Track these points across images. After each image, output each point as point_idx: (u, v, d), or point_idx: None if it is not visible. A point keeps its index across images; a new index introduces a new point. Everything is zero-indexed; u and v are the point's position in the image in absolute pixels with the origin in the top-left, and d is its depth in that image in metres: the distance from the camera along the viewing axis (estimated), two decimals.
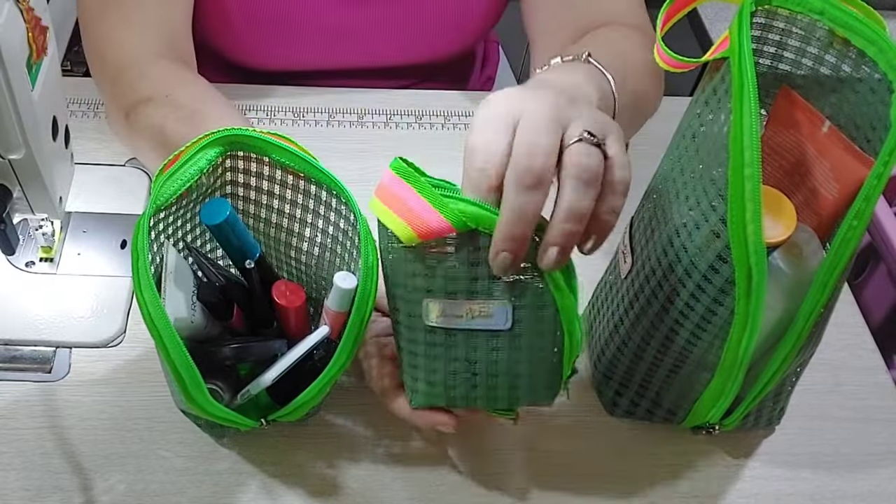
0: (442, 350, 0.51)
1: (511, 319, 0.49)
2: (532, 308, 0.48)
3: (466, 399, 0.54)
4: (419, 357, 0.52)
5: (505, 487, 0.60)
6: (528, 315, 0.49)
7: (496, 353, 0.51)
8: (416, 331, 0.51)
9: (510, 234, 0.45)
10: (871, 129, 0.50)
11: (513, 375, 0.52)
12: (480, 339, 0.50)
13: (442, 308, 0.49)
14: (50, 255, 0.68)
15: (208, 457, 0.60)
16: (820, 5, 0.48)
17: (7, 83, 0.51)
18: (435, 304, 0.49)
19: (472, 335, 0.50)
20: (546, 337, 0.50)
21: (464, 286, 0.48)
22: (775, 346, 0.53)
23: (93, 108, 0.81)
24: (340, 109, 0.84)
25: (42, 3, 0.54)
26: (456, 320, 0.49)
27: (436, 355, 0.52)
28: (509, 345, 0.50)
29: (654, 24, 0.52)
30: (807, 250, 0.52)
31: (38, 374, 0.63)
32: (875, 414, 0.67)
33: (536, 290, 0.48)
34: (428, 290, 0.48)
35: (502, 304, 0.48)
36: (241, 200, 0.58)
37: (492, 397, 0.53)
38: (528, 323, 0.49)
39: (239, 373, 0.58)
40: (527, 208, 0.44)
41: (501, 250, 0.45)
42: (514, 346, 0.50)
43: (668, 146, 0.58)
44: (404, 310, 0.50)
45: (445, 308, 0.49)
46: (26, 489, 0.57)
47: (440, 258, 0.47)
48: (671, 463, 0.63)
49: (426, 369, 0.53)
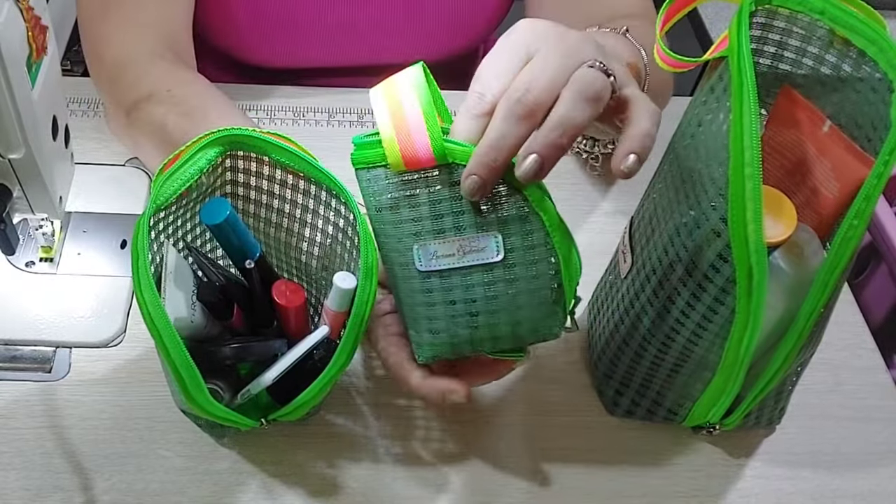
0: (439, 295, 0.50)
1: (503, 249, 0.48)
2: (520, 234, 0.48)
3: (471, 343, 0.52)
4: (419, 307, 0.51)
5: (505, 487, 0.60)
6: (518, 242, 0.48)
7: (492, 287, 0.50)
8: (411, 280, 0.50)
9: (484, 159, 0.44)
10: (872, 128, 0.49)
11: (513, 309, 0.51)
12: (475, 275, 0.49)
13: (433, 250, 0.49)
14: (50, 255, 0.68)
15: (208, 457, 0.60)
16: (820, 5, 0.48)
17: (7, 83, 0.51)
18: (425, 246, 0.49)
19: (466, 274, 0.49)
20: (540, 263, 0.49)
21: (450, 222, 0.48)
22: (776, 345, 0.53)
23: (93, 108, 0.81)
24: (340, 109, 0.84)
25: (42, 3, 0.54)
26: (447, 260, 0.49)
27: (434, 301, 0.51)
28: (504, 276, 0.49)
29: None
30: (807, 250, 0.52)
31: (38, 374, 0.63)
32: (875, 413, 0.67)
33: (521, 215, 0.48)
34: (416, 233, 0.48)
35: (491, 235, 0.48)
36: (241, 200, 0.58)
37: (496, 337, 0.52)
38: (519, 250, 0.49)
39: (239, 373, 0.58)
40: (507, 137, 0.44)
41: (472, 173, 0.45)
42: (510, 278, 0.49)
43: (668, 145, 0.58)
44: (397, 260, 0.50)
45: (436, 249, 0.48)
46: (26, 489, 0.57)
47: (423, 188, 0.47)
48: (671, 463, 0.63)
49: (427, 318, 0.52)
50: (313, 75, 0.89)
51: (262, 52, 0.87)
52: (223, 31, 0.85)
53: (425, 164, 0.46)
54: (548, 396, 0.65)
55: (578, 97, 0.44)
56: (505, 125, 0.44)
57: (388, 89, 0.47)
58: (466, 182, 0.45)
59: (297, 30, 0.85)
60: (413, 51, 0.90)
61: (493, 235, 0.48)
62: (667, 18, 0.52)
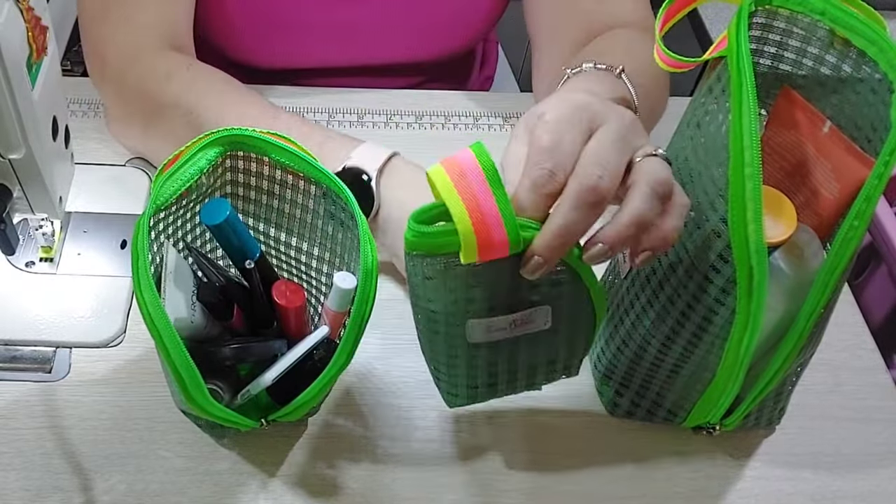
0: (483, 360, 0.51)
1: (551, 319, 0.49)
2: (568, 304, 0.49)
3: (507, 390, 0.55)
4: (459, 368, 0.52)
5: (505, 487, 0.60)
6: (567, 310, 0.49)
7: (537, 347, 0.51)
8: (456, 347, 0.50)
9: (551, 245, 0.43)
10: (872, 129, 0.49)
11: (551, 362, 0.53)
12: (522, 340, 0.50)
13: (486, 325, 0.48)
14: (50, 255, 0.68)
15: (208, 457, 0.60)
16: (821, 5, 0.48)
17: (7, 83, 0.51)
18: (479, 323, 0.48)
19: (514, 342, 0.50)
20: (581, 321, 0.50)
21: (505, 300, 0.47)
22: (776, 346, 0.53)
23: (93, 108, 0.81)
24: (340, 109, 0.84)
25: (42, 3, 0.54)
26: (499, 333, 0.49)
27: (478, 365, 0.52)
28: (549, 339, 0.50)
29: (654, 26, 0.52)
30: (807, 251, 0.52)
31: (38, 374, 0.63)
32: (875, 414, 0.67)
33: (571, 290, 0.47)
34: (470, 311, 0.47)
35: (542, 309, 0.48)
36: (241, 200, 0.58)
37: (529, 384, 0.55)
38: (566, 316, 0.49)
39: (239, 373, 0.58)
40: (577, 225, 0.43)
41: (538, 255, 0.44)
42: (553, 338, 0.51)
43: (668, 146, 0.58)
44: (442, 327, 0.49)
45: (490, 325, 0.48)
46: (26, 489, 0.57)
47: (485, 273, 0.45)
48: (671, 463, 0.63)
49: (467, 376, 0.53)
50: (312, 76, 0.89)
51: (260, 53, 0.87)
52: (221, 31, 0.85)
53: (500, 256, 0.44)
54: (547, 397, 0.65)
55: (652, 193, 0.44)
56: (577, 214, 0.43)
57: (454, 174, 0.42)
58: (531, 263, 0.44)
59: (294, 30, 0.85)
60: (411, 50, 0.90)
61: (545, 310, 0.48)
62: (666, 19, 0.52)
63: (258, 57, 0.88)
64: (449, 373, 0.54)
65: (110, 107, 0.75)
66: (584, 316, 0.50)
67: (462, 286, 0.46)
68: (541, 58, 0.80)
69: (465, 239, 0.42)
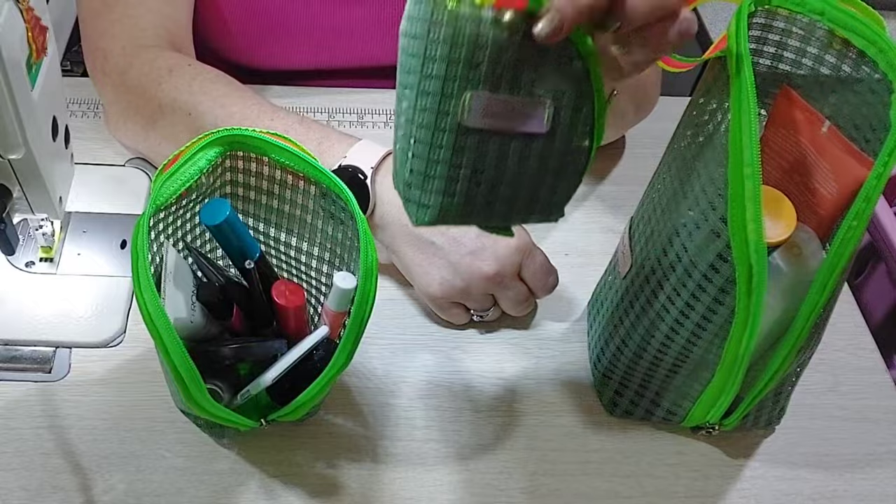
0: (469, 158, 0.44)
1: (550, 121, 0.44)
2: (569, 109, 0.44)
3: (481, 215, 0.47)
4: (440, 164, 0.45)
5: (505, 487, 0.60)
6: (566, 118, 0.44)
7: (526, 160, 0.45)
8: (443, 132, 0.44)
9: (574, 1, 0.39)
10: (871, 129, 0.50)
11: (535, 187, 0.47)
12: (514, 144, 0.45)
13: (485, 104, 0.43)
14: (50, 255, 0.68)
15: (208, 457, 0.60)
16: (820, 5, 0.48)
17: (7, 83, 0.51)
18: (479, 98, 0.43)
19: (506, 140, 0.44)
20: (575, 140, 0.45)
21: (509, 78, 0.43)
22: (775, 346, 0.53)
23: (93, 109, 0.81)
24: (340, 109, 0.84)
25: (42, 3, 0.54)
26: (495, 120, 0.43)
27: (463, 163, 0.45)
28: (540, 152, 0.45)
29: None
30: (806, 250, 0.52)
31: (38, 374, 0.63)
32: (875, 414, 0.67)
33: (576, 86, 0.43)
34: (472, 79, 0.42)
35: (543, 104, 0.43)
36: (241, 200, 0.58)
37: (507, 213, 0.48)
38: (562, 127, 0.44)
39: (239, 373, 0.58)
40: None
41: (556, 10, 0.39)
42: (545, 153, 0.45)
43: (668, 146, 0.58)
44: (433, 107, 0.43)
45: (488, 103, 0.43)
46: (26, 489, 0.57)
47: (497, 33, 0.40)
48: (671, 463, 0.63)
49: (447, 177, 0.45)
50: (310, 77, 0.89)
51: (258, 54, 0.87)
52: (219, 33, 0.85)
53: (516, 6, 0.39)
54: (547, 396, 0.65)
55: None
56: None
57: None
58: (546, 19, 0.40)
59: (292, 33, 0.85)
60: None
61: (545, 106, 0.43)
62: None
63: (256, 59, 0.88)
64: (426, 168, 0.45)
65: (109, 104, 0.75)
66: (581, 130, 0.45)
67: (470, 43, 0.41)
68: None
69: None
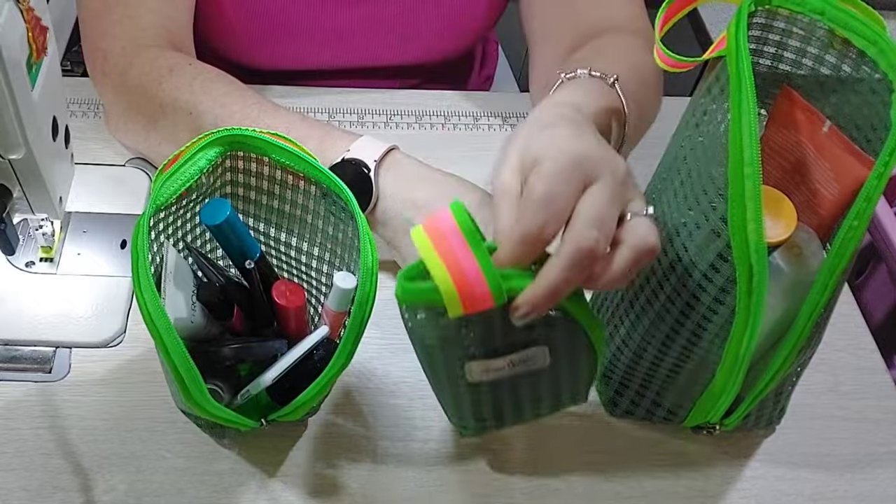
0: (487, 396, 0.53)
1: (549, 358, 0.50)
2: (565, 342, 0.49)
3: (514, 421, 0.57)
4: (465, 405, 0.54)
5: (505, 487, 0.60)
6: (564, 348, 0.50)
7: (538, 384, 0.52)
8: (458, 387, 0.51)
9: (540, 301, 0.44)
10: (872, 129, 0.50)
11: (554, 395, 0.54)
12: (523, 378, 0.51)
13: (484, 366, 0.49)
14: (50, 255, 0.68)
15: (208, 457, 0.60)
16: (820, 5, 0.48)
17: (7, 83, 0.51)
18: (477, 364, 0.49)
19: (514, 379, 0.51)
20: (580, 356, 0.51)
21: (500, 343, 0.48)
22: (776, 346, 0.53)
23: (93, 109, 0.81)
24: (340, 109, 0.84)
25: (42, 3, 0.54)
26: (497, 373, 0.50)
27: (482, 401, 0.53)
28: (550, 375, 0.51)
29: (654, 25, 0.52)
30: (807, 250, 0.52)
31: (38, 374, 0.63)
32: (875, 414, 0.67)
33: (566, 328, 0.48)
34: (467, 356, 0.49)
35: (540, 349, 0.49)
36: (241, 200, 0.58)
37: (536, 414, 0.57)
38: (564, 354, 0.50)
39: (239, 373, 0.58)
40: (569, 283, 0.44)
41: (528, 310, 0.44)
42: (555, 374, 0.52)
43: (668, 146, 0.58)
44: (442, 370, 0.51)
45: (487, 366, 0.49)
46: (26, 489, 0.57)
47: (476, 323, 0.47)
48: (671, 463, 0.63)
49: (474, 411, 0.55)
50: (311, 78, 0.89)
51: (259, 55, 0.87)
52: (220, 34, 0.85)
53: (485, 308, 0.44)
54: None
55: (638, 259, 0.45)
56: (570, 273, 0.44)
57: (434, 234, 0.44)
58: (519, 313, 0.45)
59: (293, 33, 0.85)
60: (407, 53, 0.90)
61: (542, 350, 0.49)
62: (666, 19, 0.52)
63: (257, 59, 0.88)
64: (456, 408, 0.55)
65: (109, 105, 0.75)
66: (582, 351, 0.51)
67: (455, 333, 0.47)
68: (535, 58, 0.80)
69: (447, 296, 0.43)
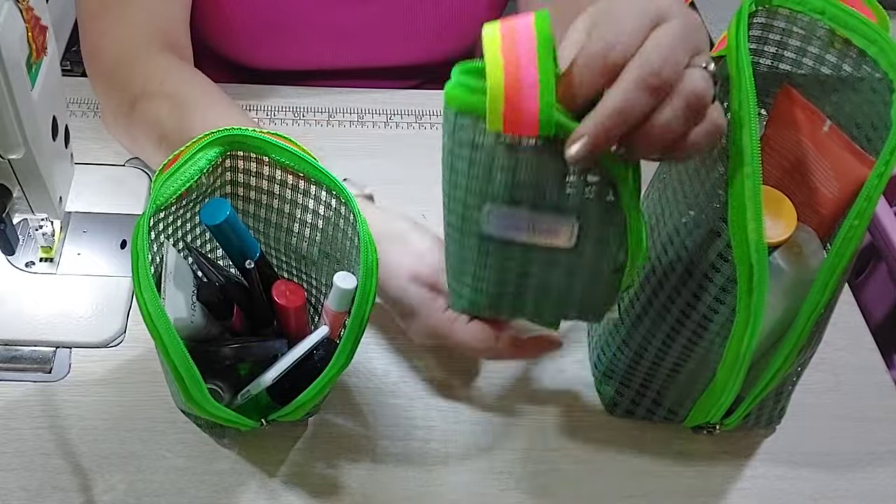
0: (495, 261, 0.47)
1: (576, 237, 0.45)
2: (597, 227, 0.45)
3: (512, 311, 0.51)
4: (468, 263, 0.49)
5: (505, 487, 0.60)
6: (593, 234, 0.45)
7: (552, 271, 0.47)
8: (469, 236, 0.47)
9: (606, 124, 0.40)
10: (872, 128, 0.50)
11: (565, 293, 0.49)
12: (538, 254, 0.46)
13: (503, 215, 0.45)
14: (50, 255, 0.68)
15: (208, 457, 0.60)
16: (821, 5, 0.48)
17: (7, 83, 0.51)
18: (496, 210, 0.45)
19: (528, 250, 0.46)
20: (605, 260, 0.46)
21: (530, 195, 0.43)
22: (776, 345, 0.53)
23: (93, 108, 0.81)
24: (340, 109, 0.84)
25: (42, 3, 0.54)
26: (516, 232, 0.45)
27: (488, 264, 0.48)
28: (567, 263, 0.47)
29: None
30: (807, 250, 0.52)
31: (38, 374, 0.63)
32: (875, 414, 0.67)
33: (605, 207, 0.44)
34: (491, 194, 0.44)
35: (568, 220, 0.44)
36: (241, 200, 0.58)
37: (538, 313, 0.50)
38: (590, 243, 0.45)
39: (239, 373, 0.58)
40: (635, 109, 0.40)
41: (586, 135, 0.40)
42: (573, 265, 0.47)
43: None
44: (458, 208, 0.46)
45: (507, 216, 0.45)
46: (26, 489, 0.57)
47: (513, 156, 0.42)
48: (671, 463, 0.63)
49: (475, 276, 0.49)
50: (310, 77, 0.89)
51: (259, 54, 0.87)
52: (219, 33, 0.85)
53: (526, 133, 0.41)
54: (547, 396, 0.65)
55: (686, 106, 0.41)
56: (637, 95, 0.39)
57: (507, 34, 0.40)
58: (576, 145, 0.40)
59: (292, 33, 0.85)
60: (408, 53, 0.90)
61: (570, 222, 0.44)
62: None
63: (256, 59, 0.88)
64: (458, 263, 0.50)
65: (103, 104, 0.76)
66: (612, 248, 0.45)
67: (487, 160, 0.43)
68: None
69: (492, 103, 0.39)
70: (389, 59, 0.90)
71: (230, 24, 0.84)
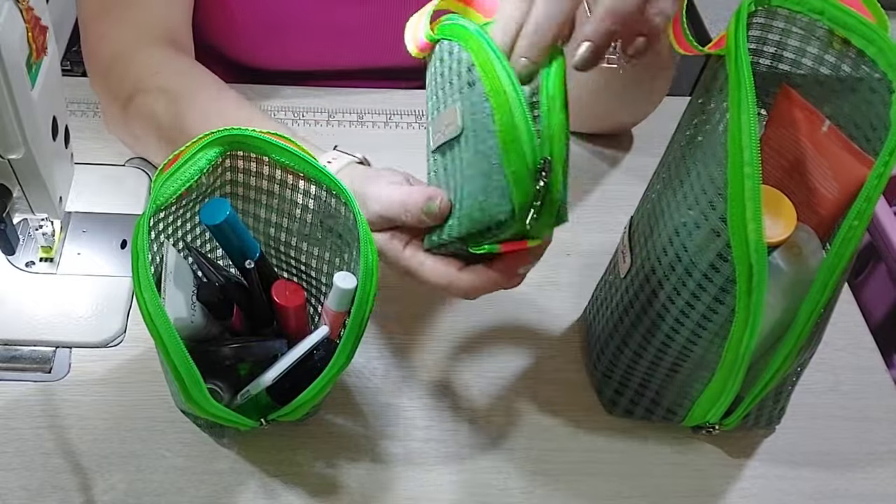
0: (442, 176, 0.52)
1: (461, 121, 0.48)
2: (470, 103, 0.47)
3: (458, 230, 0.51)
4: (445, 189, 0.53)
5: (505, 487, 0.60)
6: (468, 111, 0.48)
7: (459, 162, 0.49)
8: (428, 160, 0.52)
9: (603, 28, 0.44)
10: (871, 128, 0.50)
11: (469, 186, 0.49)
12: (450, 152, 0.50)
13: (435, 126, 0.49)
14: (50, 255, 0.68)
15: (208, 457, 0.60)
16: (820, 5, 0.48)
17: (7, 83, 0.51)
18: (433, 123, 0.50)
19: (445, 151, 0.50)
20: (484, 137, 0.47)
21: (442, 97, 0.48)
22: (775, 345, 0.53)
23: (93, 108, 0.81)
24: (340, 109, 0.84)
25: (42, 3, 0.54)
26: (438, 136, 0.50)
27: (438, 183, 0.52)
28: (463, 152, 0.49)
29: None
30: (806, 250, 0.52)
31: (38, 374, 0.63)
32: (875, 413, 0.67)
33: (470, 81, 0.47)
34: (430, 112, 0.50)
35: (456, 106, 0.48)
36: (241, 200, 0.58)
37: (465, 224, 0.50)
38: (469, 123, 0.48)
39: (239, 373, 0.58)
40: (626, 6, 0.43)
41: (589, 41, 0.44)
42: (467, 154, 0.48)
43: (668, 145, 0.58)
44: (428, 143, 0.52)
45: (437, 126, 0.49)
46: (26, 489, 0.57)
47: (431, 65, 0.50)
48: (671, 463, 0.63)
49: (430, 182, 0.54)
50: (312, 77, 0.89)
51: (260, 54, 0.87)
52: (222, 32, 0.85)
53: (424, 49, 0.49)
54: (547, 396, 0.65)
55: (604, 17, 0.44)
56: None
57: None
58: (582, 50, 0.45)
59: (294, 33, 0.85)
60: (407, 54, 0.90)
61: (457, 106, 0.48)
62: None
63: (258, 58, 0.88)
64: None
65: (103, 103, 0.76)
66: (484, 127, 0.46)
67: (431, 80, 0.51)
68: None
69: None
70: (389, 60, 0.90)
71: (232, 25, 0.84)
